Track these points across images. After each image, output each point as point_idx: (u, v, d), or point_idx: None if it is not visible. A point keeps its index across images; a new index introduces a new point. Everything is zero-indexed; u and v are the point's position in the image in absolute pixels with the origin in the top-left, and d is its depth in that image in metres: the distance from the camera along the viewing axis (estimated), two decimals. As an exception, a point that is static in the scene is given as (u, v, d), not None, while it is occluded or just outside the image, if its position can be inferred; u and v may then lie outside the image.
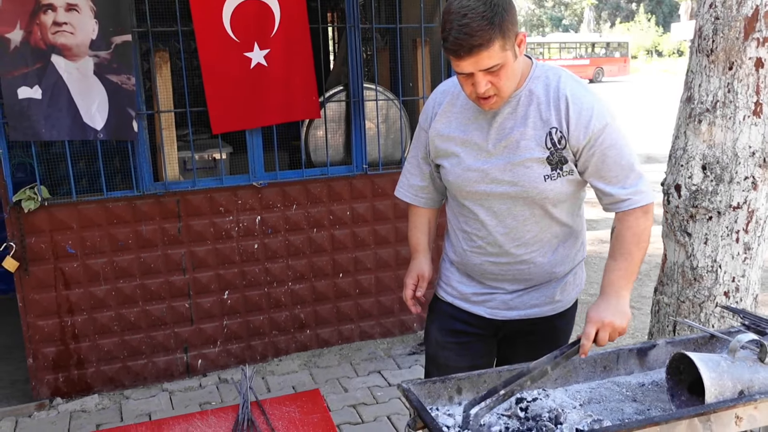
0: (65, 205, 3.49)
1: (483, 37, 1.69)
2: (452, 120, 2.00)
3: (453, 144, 2.00)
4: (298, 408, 1.70)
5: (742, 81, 2.67)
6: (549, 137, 1.90)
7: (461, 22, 1.68)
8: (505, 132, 1.92)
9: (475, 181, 1.98)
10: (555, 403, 1.94)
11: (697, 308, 2.95)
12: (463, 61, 1.72)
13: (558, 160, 1.91)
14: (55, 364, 3.62)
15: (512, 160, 1.92)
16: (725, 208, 2.79)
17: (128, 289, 3.68)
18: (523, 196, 1.96)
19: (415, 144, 2.14)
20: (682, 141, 2.88)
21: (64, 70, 3.31)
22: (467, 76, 1.78)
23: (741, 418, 1.75)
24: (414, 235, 2.22)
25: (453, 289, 2.18)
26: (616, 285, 1.91)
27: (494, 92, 1.80)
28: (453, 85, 2.03)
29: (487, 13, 1.69)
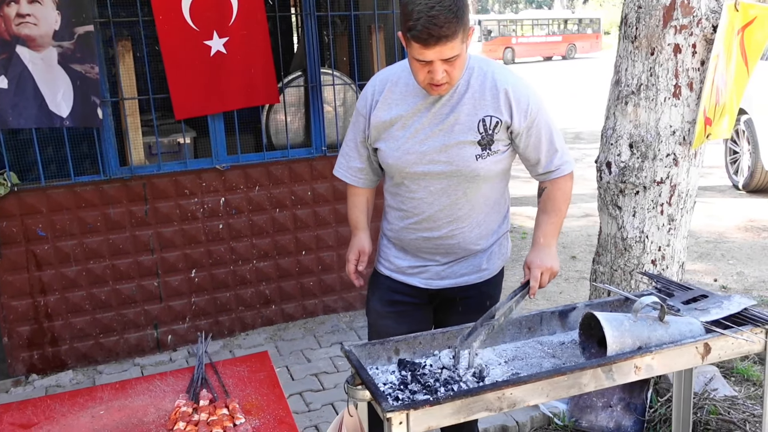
0: (35, 191, 3.64)
1: (450, 29, 1.84)
2: (392, 106, 2.13)
3: (393, 128, 2.14)
4: (248, 368, 1.91)
5: (662, 65, 2.90)
6: (482, 123, 2.09)
7: (430, 13, 1.82)
8: (441, 117, 2.09)
9: (414, 162, 2.14)
10: (482, 360, 2.18)
11: (628, 276, 3.20)
12: (428, 49, 1.86)
13: (487, 142, 2.12)
14: (30, 342, 3.79)
15: (447, 142, 2.10)
16: (650, 183, 3.03)
17: (98, 269, 3.85)
18: (457, 175, 2.15)
19: (353, 128, 2.27)
20: (611, 121, 3.11)
21: (29, 61, 3.44)
22: (425, 64, 1.92)
23: (639, 367, 1.99)
24: (354, 213, 2.38)
25: (390, 263, 2.36)
26: (549, 236, 2.23)
27: (447, 80, 1.96)
28: (392, 74, 2.17)
29: (452, 7, 1.83)
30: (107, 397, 1.79)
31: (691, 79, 2.90)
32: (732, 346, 2.09)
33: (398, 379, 2.02)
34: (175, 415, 1.61)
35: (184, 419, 1.58)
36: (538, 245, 2.23)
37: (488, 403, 1.85)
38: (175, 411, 1.63)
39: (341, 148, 2.34)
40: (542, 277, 2.19)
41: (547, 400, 1.95)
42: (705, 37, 2.83)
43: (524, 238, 6.39)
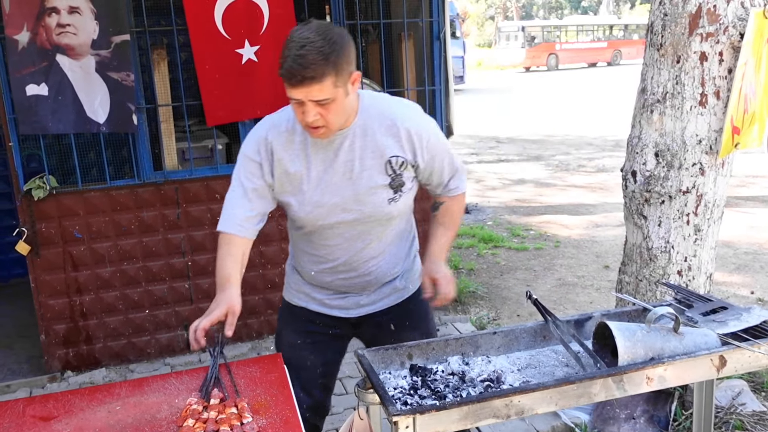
0: (72, 193, 3.78)
1: (316, 71, 1.76)
2: (295, 157, 2.02)
3: (300, 182, 2.04)
4: (260, 368, 1.95)
5: (688, 73, 2.86)
6: (389, 164, 2.04)
7: (298, 52, 1.76)
8: (348, 165, 2.02)
9: (326, 214, 2.08)
10: (495, 367, 2.18)
11: (653, 286, 3.16)
12: (295, 89, 1.80)
13: (399, 184, 2.09)
14: (66, 340, 3.93)
15: (358, 190, 2.05)
16: (676, 192, 2.99)
17: (132, 270, 3.97)
18: (371, 220, 2.11)
19: (241, 174, 2.07)
20: (637, 130, 3.09)
21: (68, 69, 3.57)
22: (298, 103, 1.84)
23: (651, 378, 1.98)
24: (227, 264, 2.10)
25: (305, 295, 2.30)
26: (444, 249, 2.27)
27: (323, 123, 1.87)
28: (285, 120, 2.04)
29: (324, 49, 1.77)
30: (124, 394, 1.85)
31: (717, 88, 2.86)
32: (749, 359, 2.05)
33: (409, 384, 2.04)
34: (185, 412, 1.67)
35: (193, 417, 1.63)
36: (435, 257, 2.21)
37: (495, 410, 1.86)
38: (186, 409, 1.68)
39: (226, 197, 2.11)
40: (449, 287, 2.16)
41: (555, 408, 1.95)
42: (732, 44, 2.79)
43: (558, 247, 6.34)
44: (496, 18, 50.86)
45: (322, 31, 1.81)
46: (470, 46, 36.66)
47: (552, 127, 14.09)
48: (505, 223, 7.30)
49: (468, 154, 11.62)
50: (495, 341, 2.28)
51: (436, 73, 4.26)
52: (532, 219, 7.40)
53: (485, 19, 53.41)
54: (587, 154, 11.13)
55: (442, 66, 4.25)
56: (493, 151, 11.92)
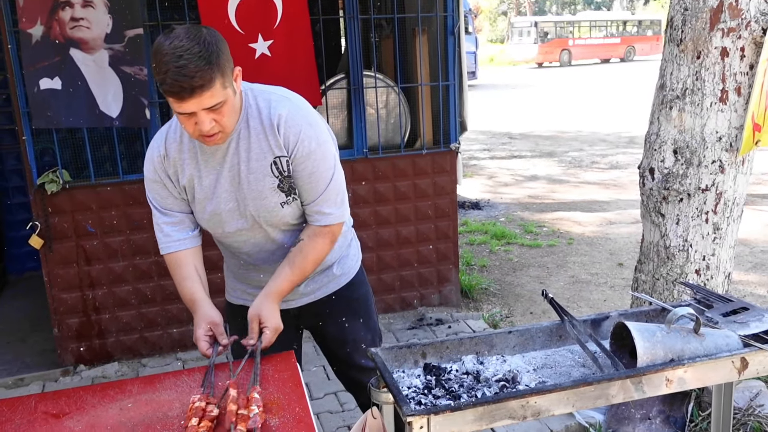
0: (85, 188, 3.77)
1: (204, 78, 1.67)
2: (186, 167, 1.96)
3: (194, 191, 1.99)
4: (272, 366, 1.93)
5: (709, 69, 2.81)
6: (275, 165, 1.94)
7: (178, 63, 1.65)
8: (234, 170, 1.95)
9: (224, 222, 2.02)
10: (510, 367, 2.15)
11: (671, 285, 3.12)
12: (185, 102, 1.70)
13: (289, 186, 1.97)
14: (79, 334, 3.93)
15: (248, 195, 1.96)
16: (695, 190, 2.94)
17: (144, 265, 3.96)
18: (269, 225, 2.02)
19: (150, 197, 2.06)
20: (655, 126, 3.04)
21: (82, 63, 3.56)
22: (189, 116, 1.75)
23: (671, 380, 1.94)
24: (186, 286, 2.06)
25: (243, 292, 2.27)
26: (282, 293, 2.02)
27: (219, 129, 1.80)
28: (173, 129, 1.98)
29: (203, 53, 1.67)
30: (136, 391, 1.84)
31: (738, 84, 2.81)
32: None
33: (423, 383, 2.02)
34: (190, 411, 1.65)
35: (197, 415, 1.61)
36: (269, 298, 2.00)
37: (511, 411, 1.84)
38: (189, 407, 1.66)
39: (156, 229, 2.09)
40: (273, 337, 1.98)
41: (572, 410, 1.92)
42: (754, 40, 2.74)
43: (571, 244, 6.28)
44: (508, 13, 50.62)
45: (192, 35, 1.70)
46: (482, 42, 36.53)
47: (565, 124, 14.01)
48: (518, 219, 7.26)
49: (480, 150, 11.56)
50: (510, 340, 2.25)
51: (450, 68, 4.22)
52: (545, 216, 7.35)
53: (498, 14, 53.17)
54: (600, 151, 11.05)
55: (456, 61, 4.21)
56: (505, 147, 11.85)
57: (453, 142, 4.32)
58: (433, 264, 4.54)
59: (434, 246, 4.50)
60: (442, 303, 4.63)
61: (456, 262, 4.60)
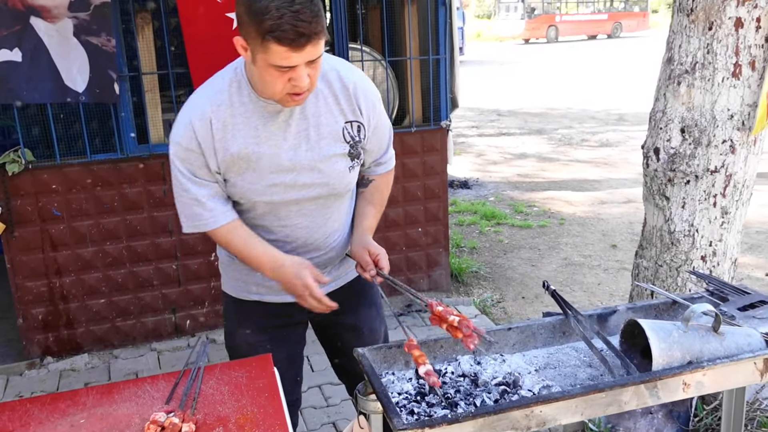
0: (49, 168, 3.52)
1: (319, 24, 1.57)
2: (237, 134, 1.76)
3: (247, 160, 1.78)
4: (246, 373, 1.72)
5: (721, 41, 2.60)
6: (346, 131, 1.86)
7: (293, 8, 1.52)
8: (302, 135, 1.81)
9: (283, 192, 1.85)
10: (511, 368, 1.96)
11: (674, 272, 2.94)
12: (296, 52, 1.56)
13: (357, 152, 1.91)
14: (45, 324, 3.70)
15: (316, 159, 1.83)
16: (703, 171, 2.75)
17: (115, 251, 3.72)
18: (333, 193, 1.92)
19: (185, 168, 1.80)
20: (661, 103, 2.83)
21: (44, 33, 3.29)
22: (285, 71, 1.60)
23: (688, 384, 1.76)
24: (255, 247, 1.86)
25: (257, 286, 2.02)
26: (373, 228, 2.06)
27: (309, 86, 1.66)
28: (217, 94, 1.79)
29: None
30: (91, 403, 1.63)
31: (753, 57, 2.60)
32: (797, 362, 1.83)
33: (415, 388, 1.82)
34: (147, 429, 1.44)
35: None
36: (367, 234, 2.02)
37: (514, 421, 1.65)
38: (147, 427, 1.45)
39: (183, 206, 1.84)
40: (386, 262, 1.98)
41: (581, 418, 1.74)
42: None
43: (562, 224, 6.11)
44: (495, -12, 50.00)
45: None
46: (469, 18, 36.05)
47: (554, 101, 13.79)
48: (508, 199, 7.07)
49: (468, 127, 11.34)
50: (509, 338, 2.06)
51: (440, 41, 3.98)
52: (535, 195, 7.17)
53: (484, -11, 52.56)
54: (590, 128, 10.86)
55: (447, 34, 3.98)
56: (494, 124, 11.63)
57: (443, 120, 4.10)
58: (422, 247, 4.33)
59: (423, 228, 4.29)
60: (431, 288, 4.43)
61: (446, 245, 4.41)
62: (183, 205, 1.84)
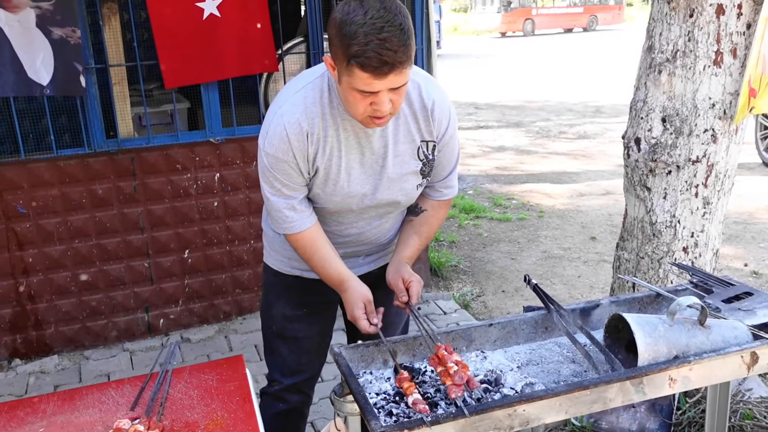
0: (14, 164, 3.39)
1: (406, 54, 1.54)
2: (326, 148, 1.79)
3: (328, 172, 1.83)
4: (217, 376, 1.65)
5: (702, 29, 2.56)
6: (421, 150, 1.88)
7: (381, 35, 1.50)
8: (380, 152, 1.85)
9: (356, 203, 1.91)
10: (492, 365, 1.90)
11: (656, 264, 2.90)
12: (379, 79, 1.55)
13: (429, 171, 1.94)
14: (12, 326, 3.57)
15: (392, 177, 1.88)
16: (684, 161, 2.72)
17: (84, 249, 3.61)
18: (398, 208, 1.99)
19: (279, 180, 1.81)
20: (642, 92, 2.79)
21: (5, 23, 3.16)
22: (367, 95, 1.60)
23: (675, 379, 1.71)
24: (331, 268, 1.92)
25: (300, 261, 2.04)
26: (412, 259, 2.05)
27: (391, 110, 1.66)
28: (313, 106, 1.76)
29: (404, 26, 1.53)
30: (51, 410, 1.54)
31: (734, 45, 2.56)
32: (784, 355, 1.79)
33: (394, 388, 1.76)
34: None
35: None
36: (404, 263, 2.01)
37: (497, 421, 1.59)
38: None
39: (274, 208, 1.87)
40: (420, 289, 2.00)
41: (566, 416, 1.68)
42: (753, -5, 2.49)
43: (541, 217, 6.08)
44: (472, -18, 50.00)
45: (387, 5, 1.54)
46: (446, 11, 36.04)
47: (531, 93, 13.79)
48: (486, 192, 7.03)
49: (446, 121, 11.28)
50: (491, 334, 2.00)
51: (417, 32, 3.90)
52: (513, 188, 7.14)
53: (461, -17, 52.52)
54: (568, 120, 10.86)
55: (424, 24, 3.90)
56: (471, 117, 11.59)
57: (420, 112, 4.02)
58: (401, 242, 4.26)
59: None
60: (410, 283, 4.36)
61: (424, 239, 4.33)
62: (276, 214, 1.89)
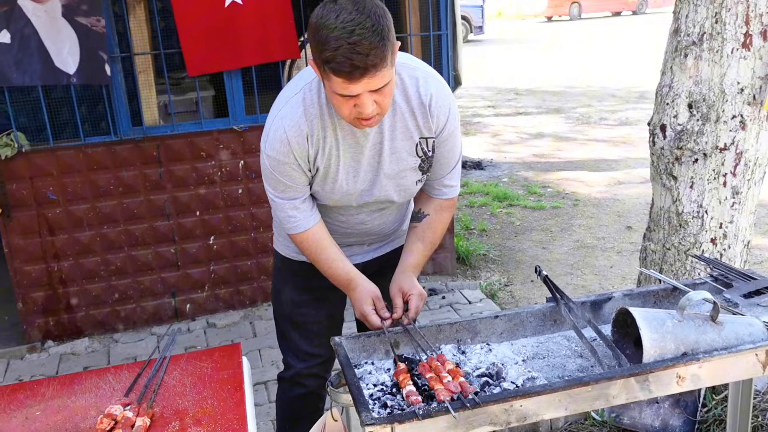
0: (44, 152, 3.47)
1: (378, 56, 1.50)
2: (326, 147, 1.79)
3: (327, 169, 1.83)
4: (213, 364, 1.65)
5: (730, 10, 2.45)
6: (419, 146, 1.85)
7: (351, 39, 1.47)
8: (376, 148, 1.83)
9: (354, 200, 1.92)
10: (497, 357, 1.86)
11: (683, 256, 2.81)
12: (353, 83, 1.52)
13: (428, 167, 1.91)
14: (45, 309, 3.67)
15: (389, 174, 1.87)
16: (712, 149, 2.61)
17: (112, 234, 3.68)
18: (395, 203, 1.97)
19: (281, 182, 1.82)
20: (668, 77, 2.69)
21: (32, 13, 3.22)
22: (349, 98, 1.58)
23: (683, 377, 1.65)
24: (338, 267, 1.92)
25: None
26: (419, 267, 2.01)
27: (378, 111, 1.63)
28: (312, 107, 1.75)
29: (376, 28, 1.49)
30: (50, 394, 1.57)
31: (765, 27, 2.44)
32: (802, 353, 1.71)
33: (392, 379, 1.73)
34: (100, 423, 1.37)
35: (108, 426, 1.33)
36: (408, 273, 1.97)
37: (492, 416, 1.56)
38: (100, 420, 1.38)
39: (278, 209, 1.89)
40: (421, 304, 1.96)
41: (565, 413, 1.63)
42: (785, -26, 2.37)
43: (576, 206, 5.95)
44: (518, -35, 49.15)
45: (360, 6, 1.51)
46: (490, -5, 35.50)
47: (574, 79, 13.49)
48: (522, 180, 6.91)
49: (484, 107, 11.14)
50: (497, 326, 1.96)
51: (442, 16, 3.84)
52: (550, 176, 7.00)
53: (507, -34, 51.69)
54: (610, 107, 10.60)
55: (449, 8, 3.83)
56: (510, 103, 11.42)
57: (446, 98, 3.96)
58: (427, 230, 4.22)
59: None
60: (436, 271, 4.34)
61: (451, 227, 4.29)
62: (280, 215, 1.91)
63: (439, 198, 1.99)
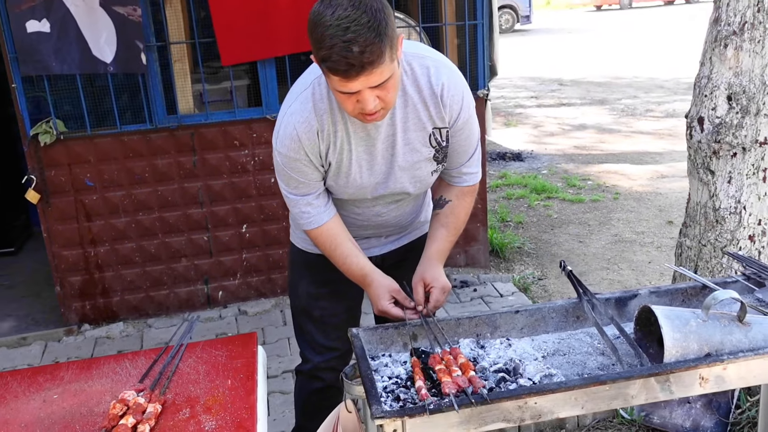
0: (81, 139, 3.54)
1: (374, 53, 1.47)
2: (337, 140, 1.77)
3: (339, 164, 1.82)
4: (227, 352, 1.66)
5: (774, -2, 2.34)
6: (433, 137, 1.83)
7: (345, 37, 1.44)
8: (389, 140, 1.81)
9: (369, 192, 1.90)
10: (516, 353, 1.83)
11: (719, 253, 2.72)
12: (351, 81, 1.51)
13: (443, 156, 1.88)
14: (82, 293, 3.76)
15: (403, 166, 1.85)
16: (751, 143, 2.52)
17: (147, 221, 3.74)
18: (411, 194, 1.95)
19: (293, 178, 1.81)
20: (707, 68, 2.60)
21: (71, 3, 3.28)
22: (350, 95, 1.57)
23: (706, 379, 1.59)
24: (353, 263, 1.91)
25: None
26: (443, 254, 1.99)
27: (382, 106, 1.61)
28: (321, 102, 1.74)
29: (372, 24, 1.46)
30: (68, 378, 1.60)
31: (811, 15, 2.34)
32: (835, 357, 1.63)
33: (407, 372, 1.72)
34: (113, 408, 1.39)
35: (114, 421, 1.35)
36: (432, 261, 1.96)
37: (506, 413, 1.53)
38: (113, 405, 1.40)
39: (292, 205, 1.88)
40: (441, 297, 1.93)
41: (582, 412, 1.60)
42: (833, -40, 2.26)
43: (616, 199, 5.83)
44: (567, -47, 48.21)
45: (356, 2, 1.48)
46: (538, -16, 34.89)
47: (620, 69, 13.19)
48: (561, 172, 6.80)
49: (527, 98, 10.99)
50: (517, 321, 1.93)
51: (477, 5, 3.78)
52: (590, 168, 6.87)
53: (555, -46, 50.76)
54: (656, 98, 10.34)
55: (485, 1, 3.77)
56: (554, 94, 11.23)
57: (481, 89, 3.91)
58: (459, 222, 4.19)
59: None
60: (468, 264, 4.30)
61: (484, 219, 4.24)
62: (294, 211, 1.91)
63: (460, 186, 1.97)
